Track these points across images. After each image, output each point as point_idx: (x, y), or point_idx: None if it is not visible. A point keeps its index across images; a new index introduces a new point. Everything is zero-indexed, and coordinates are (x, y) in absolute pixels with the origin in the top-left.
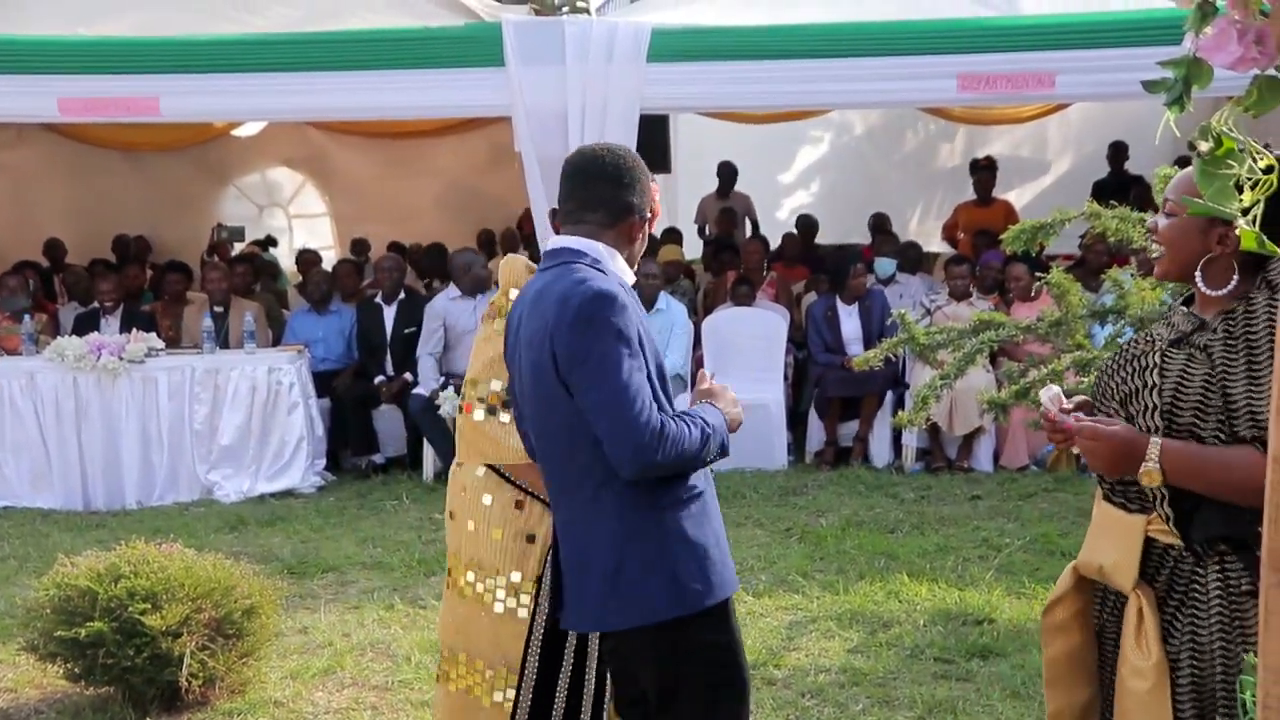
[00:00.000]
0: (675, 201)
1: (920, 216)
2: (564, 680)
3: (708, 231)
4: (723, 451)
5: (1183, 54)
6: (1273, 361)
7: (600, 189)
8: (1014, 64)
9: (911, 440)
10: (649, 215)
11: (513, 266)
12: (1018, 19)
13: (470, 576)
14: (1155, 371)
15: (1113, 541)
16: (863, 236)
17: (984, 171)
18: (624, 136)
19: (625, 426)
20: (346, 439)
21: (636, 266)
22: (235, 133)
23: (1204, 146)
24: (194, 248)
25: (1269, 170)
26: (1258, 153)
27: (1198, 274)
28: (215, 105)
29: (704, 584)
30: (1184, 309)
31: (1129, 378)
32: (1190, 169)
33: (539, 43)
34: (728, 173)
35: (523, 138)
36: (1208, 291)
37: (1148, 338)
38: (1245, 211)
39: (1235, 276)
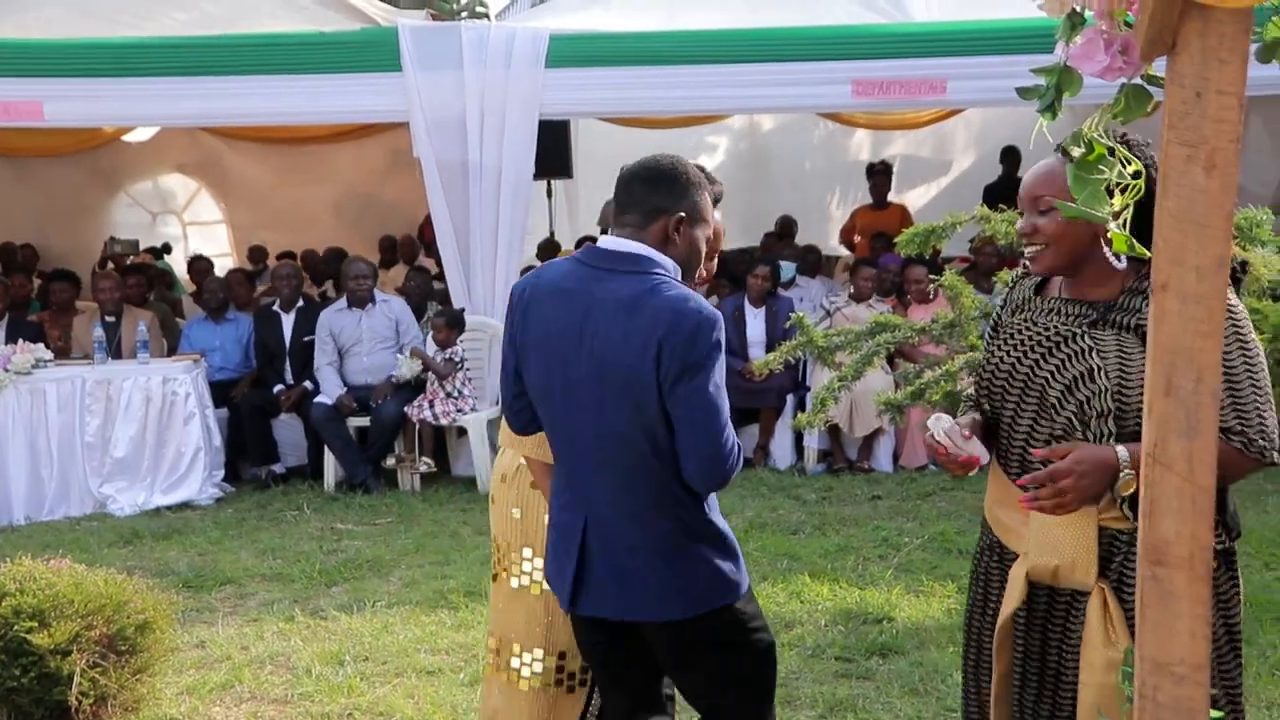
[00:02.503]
0: (578, 206)
1: (819, 220)
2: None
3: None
4: None
5: (1054, 62)
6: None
7: (634, 191)
8: (907, 70)
9: (813, 442)
10: (684, 216)
11: None
12: (911, 26)
13: (526, 562)
14: (1094, 354)
15: (1063, 538)
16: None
17: (879, 175)
18: (524, 142)
19: (716, 445)
20: (245, 449)
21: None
22: (126, 138)
23: (1076, 152)
24: (85, 256)
25: (1137, 175)
26: (1127, 159)
27: (1106, 251)
28: (102, 110)
29: (742, 572)
30: (1057, 297)
31: (1066, 362)
32: (1048, 161)
33: (436, 48)
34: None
35: (421, 143)
36: (1119, 266)
37: (1038, 325)
38: (1116, 215)
39: (1102, 265)
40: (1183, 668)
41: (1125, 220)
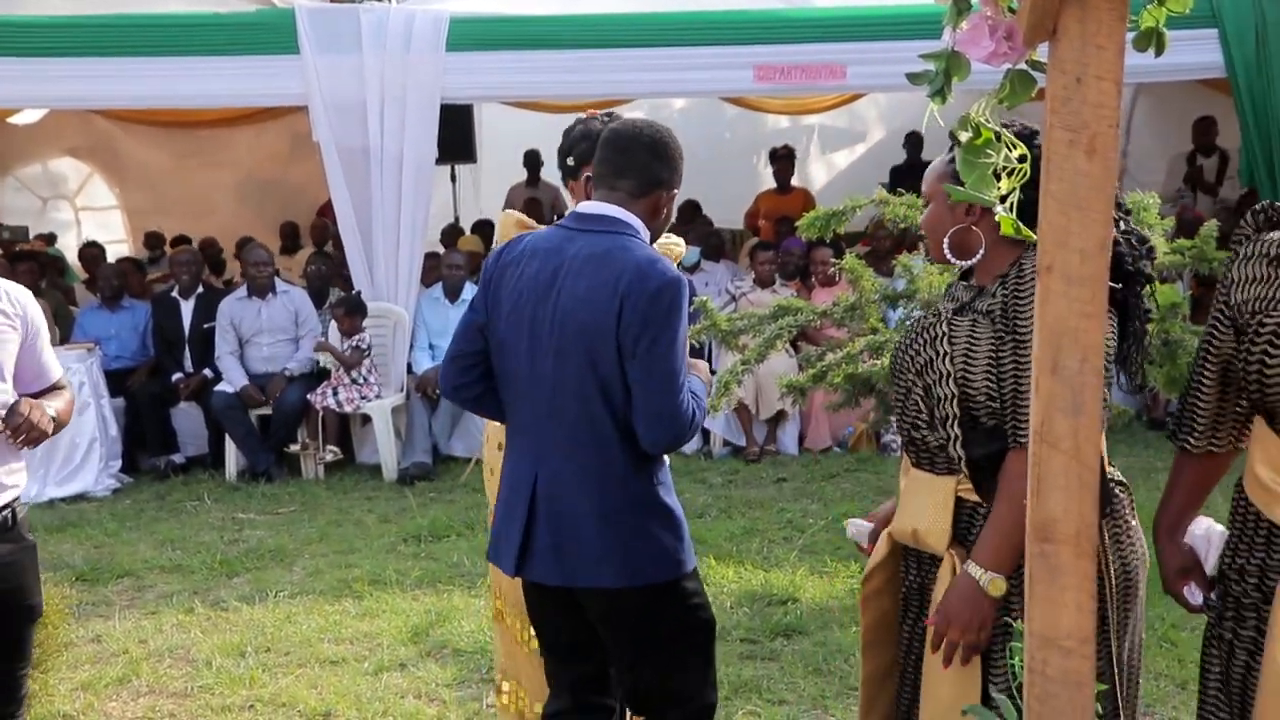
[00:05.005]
0: (481, 191)
1: (725, 204)
2: None
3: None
4: None
5: (942, 48)
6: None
7: (636, 158)
8: (807, 55)
9: (716, 427)
10: (675, 192)
11: (508, 224)
12: (812, 11)
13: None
14: (944, 340)
15: (925, 504)
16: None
17: (782, 160)
18: (425, 126)
19: (672, 409)
20: (143, 439)
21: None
22: (13, 120)
23: (964, 136)
24: None
25: (1023, 159)
26: (1012, 143)
27: (945, 246)
28: None
29: (687, 551)
30: (964, 282)
31: (921, 349)
32: (940, 159)
33: (334, 30)
34: (535, 162)
35: (320, 127)
36: (956, 261)
37: (935, 312)
38: (1003, 199)
39: (983, 245)
40: (1070, 641)
41: (1011, 204)
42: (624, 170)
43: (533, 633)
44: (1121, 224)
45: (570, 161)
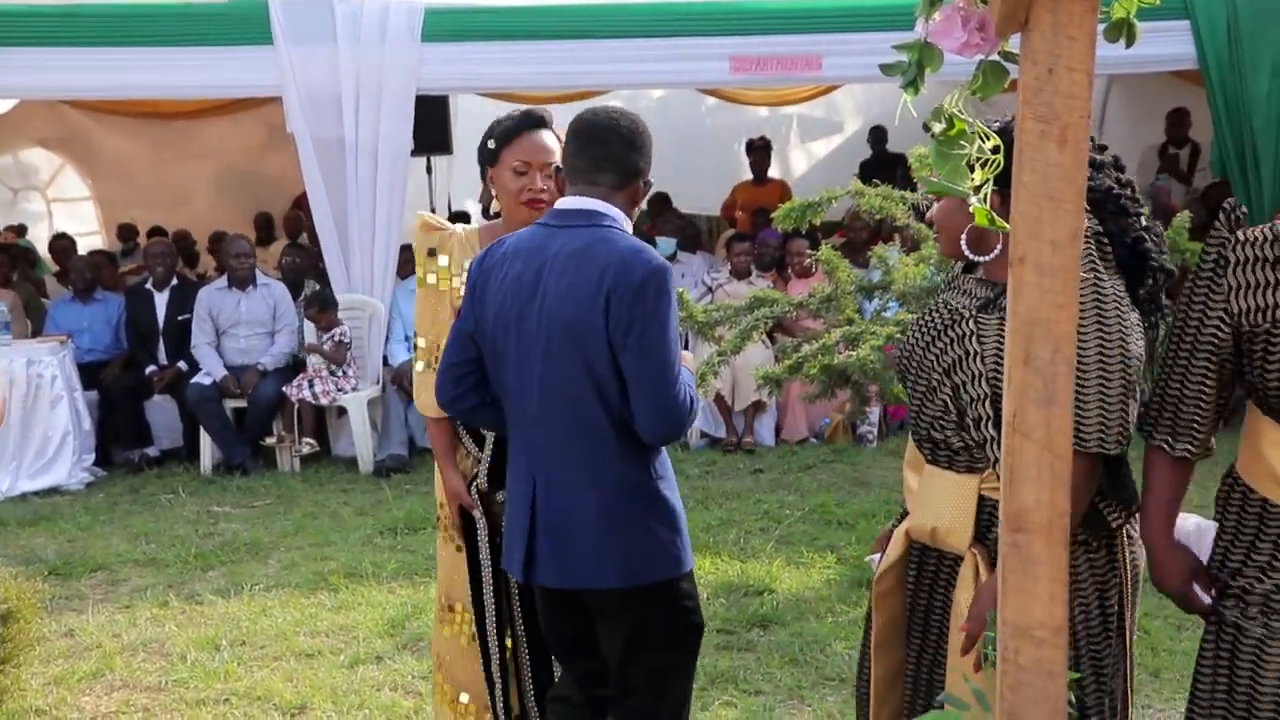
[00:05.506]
0: (456, 183)
1: (702, 195)
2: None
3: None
4: None
5: (915, 39)
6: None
7: (613, 149)
8: (784, 46)
9: (695, 418)
10: (650, 180)
11: (417, 226)
12: (787, 2)
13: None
14: (974, 339)
15: (945, 503)
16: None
17: (759, 151)
18: (401, 117)
19: (669, 398)
20: (117, 432)
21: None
22: None
23: (937, 128)
24: None
25: (996, 150)
26: (986, 134)
27: (963, 241)
28: None
29: (686, 550)
30: (973, 276)
31: (948, 346)
32: None
33: (308, 21)
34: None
35: (295, 119)
36: (975, 258)
37: (947, 306)
38: (977, 190)
39: (1000, 241)
40: (1042, 631)
41: (985, 195)
42: (602, 163)
43: (472, 625)
44: (1142, 219)
45: (491, 145)
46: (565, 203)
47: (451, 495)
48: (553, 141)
